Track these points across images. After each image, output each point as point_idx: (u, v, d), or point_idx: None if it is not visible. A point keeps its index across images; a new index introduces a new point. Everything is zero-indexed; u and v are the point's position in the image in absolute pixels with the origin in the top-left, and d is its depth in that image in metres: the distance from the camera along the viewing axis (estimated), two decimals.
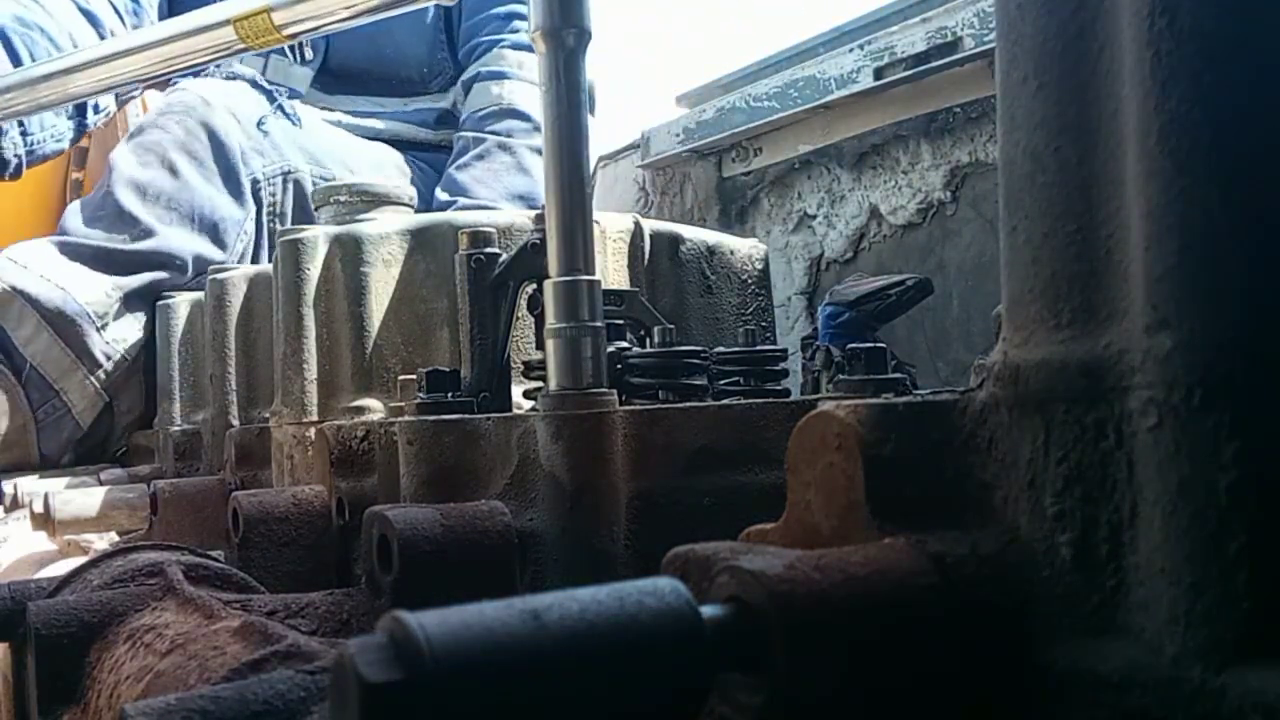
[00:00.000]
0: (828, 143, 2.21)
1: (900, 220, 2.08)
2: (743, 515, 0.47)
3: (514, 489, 0.69)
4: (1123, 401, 0.34)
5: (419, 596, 0.62)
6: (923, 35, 2.01)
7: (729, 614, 0.33)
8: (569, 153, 0.70)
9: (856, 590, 0.34)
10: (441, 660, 0.28)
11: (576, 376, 0.69)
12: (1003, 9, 0.39)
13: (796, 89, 2.30)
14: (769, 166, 2.33)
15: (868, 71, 2.12)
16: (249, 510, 0.80)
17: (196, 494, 1.11)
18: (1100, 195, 0.35)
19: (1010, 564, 0.37)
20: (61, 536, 1.26)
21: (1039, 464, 0.37)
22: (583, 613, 0.30)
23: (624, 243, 1.07)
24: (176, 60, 1.39)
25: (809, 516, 0.42)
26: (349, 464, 0.85)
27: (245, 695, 0.44)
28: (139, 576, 0.68)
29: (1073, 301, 0.36)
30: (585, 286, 0.69)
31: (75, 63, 1.46)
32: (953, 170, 1.97)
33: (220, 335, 1.29)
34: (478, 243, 0.91)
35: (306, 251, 1.04)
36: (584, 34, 0.70)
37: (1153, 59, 0.33)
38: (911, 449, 0.39)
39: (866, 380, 0.71)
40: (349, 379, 1.02)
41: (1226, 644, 0.31)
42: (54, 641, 0.62)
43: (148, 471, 1.46)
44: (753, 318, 1.13)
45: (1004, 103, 0.39)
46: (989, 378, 0.39)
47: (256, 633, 0.56)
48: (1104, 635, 0.34)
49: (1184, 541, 0.32)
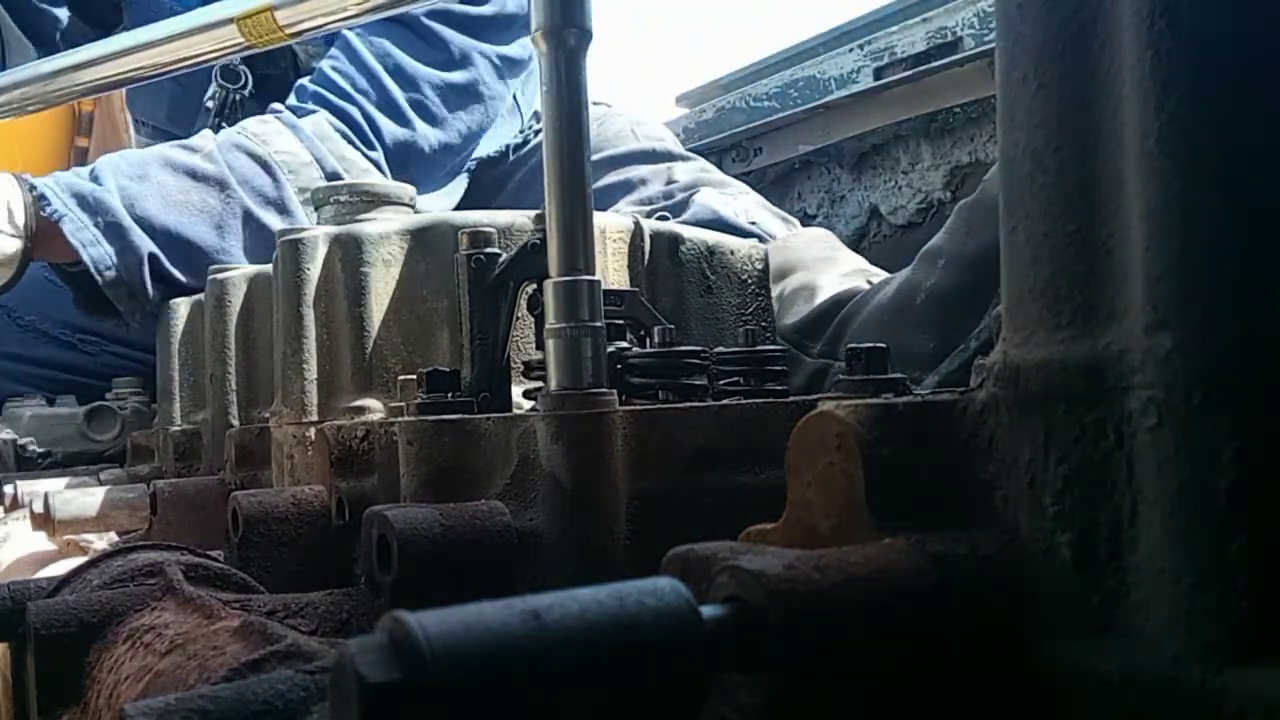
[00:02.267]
0: (828, 143, 2.22)
1: (900, 220, 2.08)
2: (743, 515, 0.47)
3: (514, 489, 0.69)
4: (1123, 402, 0.34)
5: (419, 596, 0.62)
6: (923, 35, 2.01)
7: (729, 614, 0.33)
8: (570, 153, 0.70)
9: (856, 590, 0.34)
10: (441, 660, 0.28)
11: (576, 376, 0.69)
12: (1003, 9, 0.39)
13: (796, 89, 2.30)
14: (769, 166, 2.33)
15: (868, 71, 2.12)
16: (249, 510, 0.80)
17: (196, 494, 1.11)
18: (1100, 195, 0.35)
19: (1010, 564, 0.37)
20: (61, 536, 1.26)
21: (1039, 464, 0.37)
22: (583, 613, 0.30)
23: (624, 243, 1.07)
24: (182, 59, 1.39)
25: (809, 516, 0.42)
26: (349, 464, 0.84)
27: (245, 695, 0.44)
28: (139, 576, 0.68)
29: (1073, 301, 0.36)
30: (585, 286, 0.69)
31: (79, 60, 1.46)
32: (953, 170, 1.97)
33: (220, 335, 1.29)
34: (478, 243, 0.91)
35: (306, 252, 1.04)
36: (585, 34, 0.70)
37: (1153, 59, 0.33)
38: (911, 449, 0.40)
39: (866, 380, 0.71)
40: (349, 379, 1.02)
41: (1226, 644, 0.31)
42: (53, 641, 0.62)
43: (148, 471, 1.46)
44: (753, 318, 1.13)
45: (1004, 103, 0.39)
46: (989, 378, 0.39)
47: (256, 632, 0.56)
48: (1104, 635, 0.34)
49: (1184, 541, 0.32)
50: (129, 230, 1.63)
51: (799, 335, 1.33)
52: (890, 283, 1.27)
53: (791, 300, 1.41)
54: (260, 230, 1.70)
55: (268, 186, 1.73)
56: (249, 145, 1.75)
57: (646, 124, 2.12)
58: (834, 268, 1.46)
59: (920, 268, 1.20)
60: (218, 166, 1.72)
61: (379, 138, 1.84)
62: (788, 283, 1.45)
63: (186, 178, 1.71)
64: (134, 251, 1.63)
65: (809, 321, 1.35)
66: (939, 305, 1.14)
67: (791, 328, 1.35)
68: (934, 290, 1.16)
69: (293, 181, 1.74)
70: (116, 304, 1.66)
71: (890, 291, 1.24)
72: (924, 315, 1.15)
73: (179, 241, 1.67)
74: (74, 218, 1.60)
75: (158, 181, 1.68)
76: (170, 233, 1.66)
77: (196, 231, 1.68)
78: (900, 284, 1.23)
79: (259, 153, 1.75)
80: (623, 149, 1.99)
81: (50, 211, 1.60)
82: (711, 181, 1.90)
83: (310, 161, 1.76)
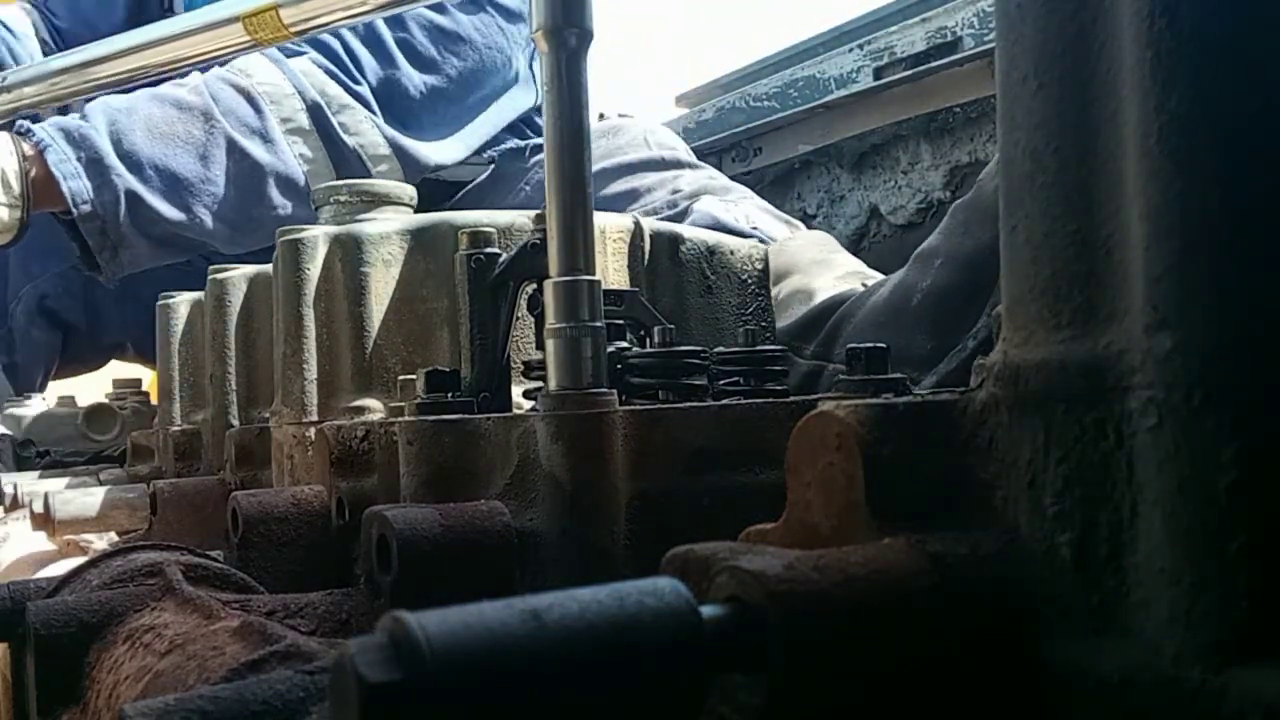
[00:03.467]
0: (827, 143, 2.22)
1: (900, 220, 2.08)
2: (743, 515, 0.47)
3: (514, 489, 0.69)
4: (1123, 401, 0.34)
5: (419, 596, 0.62)
6: (922, 35, 2.01)
7: (729, 614, 0.33)
8: (570, 153, 0.70)
9: (856, 590, 0.34)
10: (441, 660, 0.28)
11: (576, 376, 0.69)
12: (1003, 9, 0.39)
13: (796, 89, 2.30)
14: (769, 166, 2.33)
15: (867, 71, 2.12)
16: (248, 510, 0.80)
17: (196, 494, 1.11)
18: (1100, 195, 0.35)
19: (1010, 564, 0.37)
20: (61, 536, 1.26)
21: (1039, 464, 0.37)
22: (583, 613, 0.30)
23: (624, 243, 1.07)
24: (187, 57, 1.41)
25: (809, 516, 0.42)
26: (349, 464, 0.84)
27: (244, 695, 0.44)
28: (138, 577, 0.68)
29: (1073, 301, 0.36)
30: (585, 286, 0.69)
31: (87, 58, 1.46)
32: (953, 170, 1.97)
33: (220, 335, 1.29)
34: (478, 243, 0.91)
35: (306, 251, 1.04)
36: (586, 34, 0.70)
37: (1153, 59, 0.33)
38: (911, 449, 0.39)
39: (866, 380, 0.71)
40: (349, 379, 1.02)
41: (1226, 644, 0.31)
42: (53, 642, 0.62)
43: (147, 471, 1.46)
44: (753, 318, 1.13)
45: (1004, 103, 0.39)
46: (989, 378, 0.39)
47: (255, 633, 0.56)
48: (1104, 635, 0.34)
49: (1184, 541, 0.32)
50: (110, 168, 1.69)
51: (792, 337, 1.34)
52: (885, 284, 1.27)
53: (787, 304, 1.41)
54: (243, 159, 1.76)
55: (250, 116, 1.77)
56: (231, 78, 1.80)
57: (660, 133, 2.13)
58: (829, 271, 1.47)
59: (916, 268, 1.20)
60: (202, 98, 1.77)
61: (362, 73, 1.85)
62: (783, 286, 1.45)
63: (172, 108, 1.76)
64: (111, 188, 1.69)
65: (802, 324, 1.35)
66: (936, 306, 1.14)
67: (785, 330, 1.35)
68: (930, 291, 1.15)
69: (274, 112, 1.78)
70: (88, 239, 1.71)
71: (885, 292, 1.24)
72: (920, 316, 1.15)
73: (164, 173, 1.72)
74: (58, 149, 1.67)
75: (145, 114, 1.74)
76: (156, 164, 1.72)
77: (181, 162, 1.73)
78: (895, 285, 1.23)
79: (242, 84, 1.79)
80: (632, 157, 2.01)
81: (36, 140, 1.66)
82: (715, 189, 1.91)
83: (293, 93, 1.80)
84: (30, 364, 2.25)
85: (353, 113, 1.82)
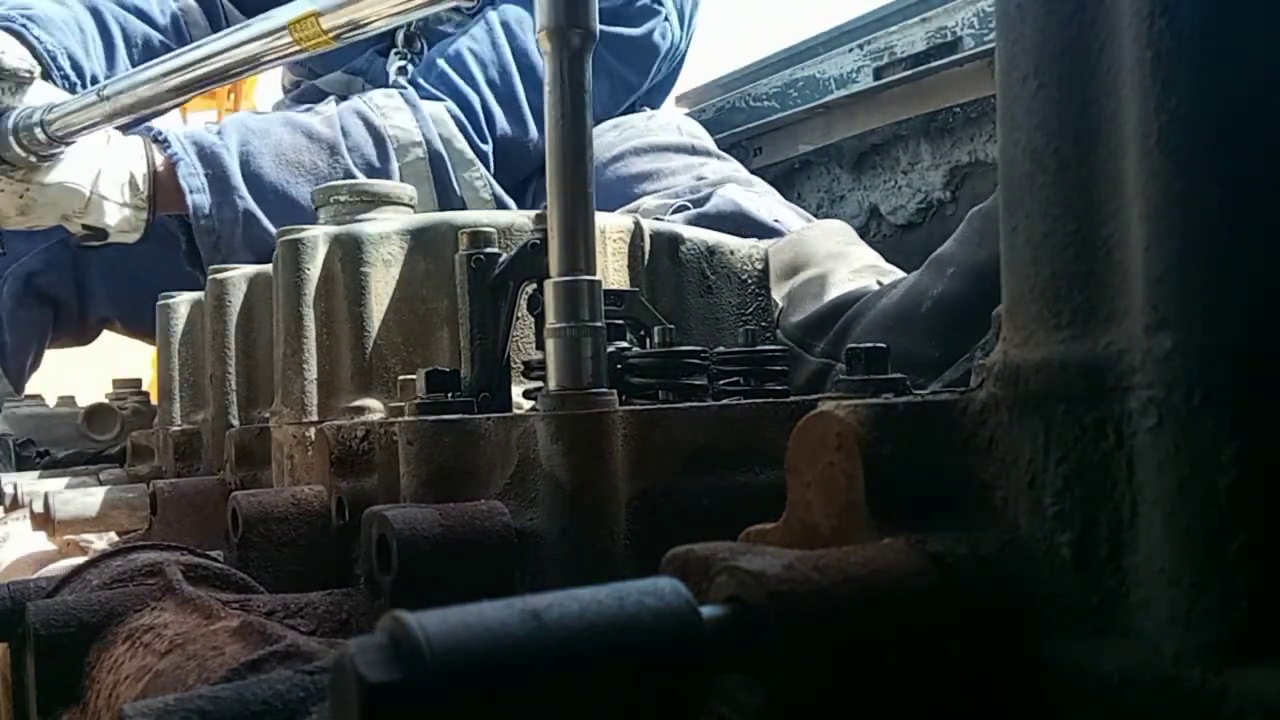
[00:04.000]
0: (827, 143, 2.22)
1: (900, 220, 2.08)
2: (743, 515, 0.47)
3: (514, 489, 0.69)
4: (1123, 402, 0.34)
5: (418, 596, 0.62)
6: (922, 35, 2.01)
7: (729, 614, 0.33)
8: (572, 153, 0.70)
9: (856, 590, 0.34)
10: (441, 660, 0.28)
11: (576, 376, 0.69)
12: (1003, 9, 0.39)
13: (796, 89, 2.30)
14: (769, 166, 2.33)
15: (867, 71, 2.12)
16: (248, 510, 0.80)
17: (196, 494, 1.11)
18: (1100, 195, 0.35)
19: (1010, 564, 0.37)
20: (61, 536, 1.26)
21: (1039, 464, 0.37)
22: (583, 613, 0.30)
23: (624, 243, 1.07)
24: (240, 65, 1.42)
25: (809, 516, 0.42)
26: (349, 464, 0.84)
27: (244, 695, 0.44)
28: (138, 576, 0.68)
29: (1073, 301, 0.36)
30: (585, 286, 0.69)
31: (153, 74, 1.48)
32: (952, 170, 1.97)
33: (220, 335, 1.29)
34: (478, 243, 0.91)
35: (306, 251, 1.04)
36: (589, 35, 0.70)
37: (1153, 59, 0.33)
38: (911, 449, 0.39)
39: (866, 380, 0.71)
40: (349, 379, 1.02)
41: (1226, 644, 0.31)
42: (53, 642, 0.62)
43: (147, 471, 1.46)
44: (753, 318, 1.13)
45: (1004, 103, 0.39)
46: (989, 378, 0.39)
47: (255, 633, 0.56)
48: (1104, 635, 0.34)
49: (1184, 541, 0.32)
50: (235, 189, 1.75)
51: (803, 333, 1.33)
52: (897, 287, 1.26)
53: (800, 297, 1.40)
54: None
55: (374, 157, 1.81)
56: (367, 114, 1.84)
57: (690, 124, 2.18)
58: (845, 264, 1.46)
59: (928, 274, 1.20)
60: (333, 130, 1.81)
61: (492, 132, 1.90)
62: (798, 278, 1.44)
63: (303, 136, 1.81)
64: (232, 207, 1.75)
65: (813, 321, 1.34)
66: (946, 313, 1.14)
67: (796, 325, 1.35)
68: (941, 298, 1.15)
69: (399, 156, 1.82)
70: (201, 248, 1.77)
71: (897, 296, 1.24)
72: (930, 323, 1.15)
73: (284, 199, 1.78)
74: (188, 163, 1.74)
75: (276, 139, 1.80)
76: (277, 190, 1.77)
77: (300, 191, 1.77)
78: (907, 289, 1.22)
79: (376, 123, 1.83)
80: (664, 139, 2.04)
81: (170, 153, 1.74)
82: (739, 180, 1.93)
83: (420, 142, 1.84)
84: (20, 345, 2.24)
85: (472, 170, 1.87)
